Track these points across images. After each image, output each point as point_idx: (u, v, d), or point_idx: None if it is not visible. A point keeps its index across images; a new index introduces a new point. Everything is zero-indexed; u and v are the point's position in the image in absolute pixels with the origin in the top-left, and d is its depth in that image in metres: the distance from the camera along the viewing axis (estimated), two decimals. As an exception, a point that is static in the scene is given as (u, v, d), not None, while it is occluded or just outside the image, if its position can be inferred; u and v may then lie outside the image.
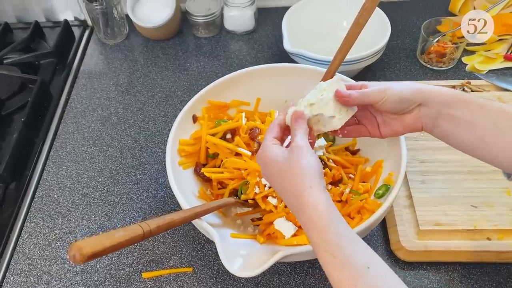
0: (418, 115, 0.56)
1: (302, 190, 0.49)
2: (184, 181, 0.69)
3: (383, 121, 0.60)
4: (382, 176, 0.68)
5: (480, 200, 0.71)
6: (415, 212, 0.70)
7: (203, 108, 0.76)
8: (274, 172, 0.53)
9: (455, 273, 0.67)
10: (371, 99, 0.57)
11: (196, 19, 1.04)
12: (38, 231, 0.75)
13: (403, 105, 0.56)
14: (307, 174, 0.50)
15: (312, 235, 0.47)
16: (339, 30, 0.99)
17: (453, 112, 0.54)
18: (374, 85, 0.58)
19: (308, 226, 0.48)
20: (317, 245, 0.47)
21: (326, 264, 0.46)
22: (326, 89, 0.59)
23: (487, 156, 0.54)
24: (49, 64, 1.02)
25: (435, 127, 0.56)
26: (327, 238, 0.46)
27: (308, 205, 0.48)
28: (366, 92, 0.57)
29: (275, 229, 0.65)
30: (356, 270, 0.44)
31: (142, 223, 0.51)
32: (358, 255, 0.45)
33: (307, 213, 0.48)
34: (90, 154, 0.85)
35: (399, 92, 0.56)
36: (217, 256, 0.70)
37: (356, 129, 0.63)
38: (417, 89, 0.56)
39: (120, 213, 0.77)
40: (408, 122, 0.58)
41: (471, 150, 0.55)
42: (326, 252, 0.45)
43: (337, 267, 0.45)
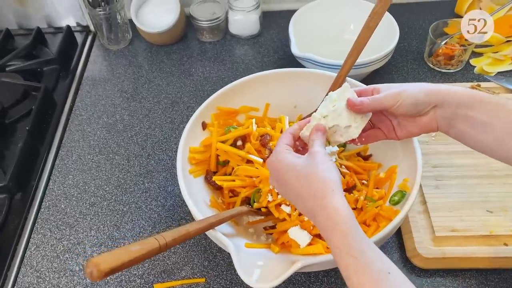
0: (434, 116, 0.56)
1: (325, 193, 0.48)
2: (195, 190, 0.68)
3: (398, 123, 0.60)
4: (397, 182, 0.67)
5: (495, 205, 0.70)
6: (430, 218, 0.69)
7: (212, 114, 0.75)
8: (289, 176, 0.52)
9: (472, 279, 0.66)
10: (385, 104, 0.56)
11: (201, 24, 1.03)
12: (45, 243, 0.73)
13: (418, 108, 0.55)
14: (328, 178, 0.49)
15: (333, 238, 0.47)
16: (346, 33, 0.98)
17: (469, 113, 0.53)
18: (387, 88, 0.57)
19: (329, 229, 0.47)
20: (338, 248, 0.46)
21: (347, 268, 0.45)
22: (336, 99, 0.58)
23: (505, 156, 0.53)
24: (52, 71, 1.00)
25: (451, 128, 0.56)
26: (349, 241, 0.46)
27: (331, 207, 0.47)
28: (378, 98, 0.56)
29: (290, 238, 0.64)
30: (378, 274, 0.44)
31: (157, 236, 0.50)
32: (379, 261, 0.45)
33: (330, 215, 0.47)
34: (97, 163, 0.84)
35: (413, 95, 0.55)
36: (230, 266, 0.69)
37: (373, 134, 0.62)
38: (432, 90, 0.55)
39: (129, 222, 0.75)
40: (424, 124, 0.57)
41: (489, 151, 0.54)
42: (348, 255, 0.45)
43: (358, 270, 0.44)
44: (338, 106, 0.57)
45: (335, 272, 0.67)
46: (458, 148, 0.78)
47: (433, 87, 0.55)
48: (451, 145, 0.78)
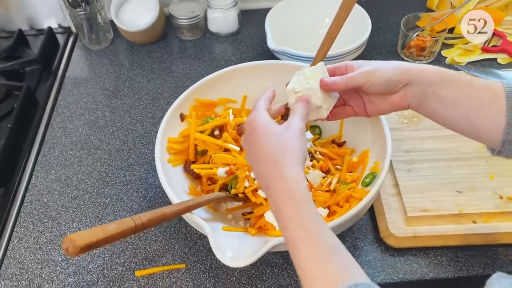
0: (405, 94, 0.57)
1: (289, 164, 0.49)
2: (174, 179, 0.70)
3: (369, 100, 0.61)
4: (369, 165, 0.70)
5: (465, 185, 0.73)
6: (402, 200, 0.72)
7: (190, 106, 0.77)
8: (261, 138, 0.52)
9: (443, 257, 0.68)
10: (357, 82, 0.57)
11: (180, 22, 1.05)
12: (28, 235, 0.75)
13: (389, 86, 0.56)
14: (296, 152, 0.51)
15: (286, 207, 0.47)
16: (321, 27, 1.01)
17: (439, 91, 0.54)
18: (359, 65, 0.58)
19: (285, 199, 0.48)
20: (291, 219, 0.46)
21: (297, 239, 0.45)
22: (310, 76, 0.59)
23: (473, 133, 0.55)
24: (34, 71, 1.02)
25: (421, 106, 0.57)
26: (303, 213, 0.46)
27: (291, 177, 0.48)
28: (351, 76, 0.57)
29: (266, 221, 0.66)
30: (329, 247, 0.44)
31: (134, 216, 0.52)
32: (330, 236, 0.46)
33: (289, 185, 0.48)
34: (79, 158, 0.85)
35: (385, 73, 0.56)
36: (210, 252, 0.71)
37: (343, 111, 0.63)
38: (403, 68, 0.56)
39: (111, 214, 0.77)
40: (395, 101, 0.58)
41: (457, 127, 0.56)
42: (301, 226, 0.45)
43: (309, 242, 0.45)
44: (311, 84, 0.58)
45: (311, 254, 0.69)
46: (429, 134, 0.81)
47: (404, 65, 0.56)
48: (422, 130, 0.81)
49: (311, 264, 0.44)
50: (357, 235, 0.71)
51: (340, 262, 0.44)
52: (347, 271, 0.43)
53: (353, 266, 0.44)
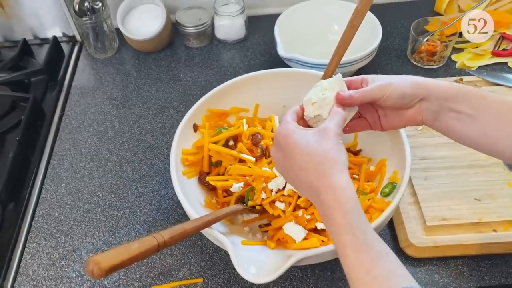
0: (420, 109, 0.56)
1: (334, 171, 0.48)
2: (190, 191, 0.68)
3: (384, 114, 0.60)
4: (387, 174, 0.69)
5: (483, 193, 0.72)
6: (421, 208, 0.71)
7: (203, 116, 0.76)
8: (298, 149, 0.51)
9: (464, 266, 0.67)
10: (372, 96, 0.56)
11: (187, 30, 1.04)
12: (41, 251, 0.73)
13: (404, 101, 0.56)
14: (339, 159, 0.49)
15: (335, 215, 0.47)
16: (330, 34, 1.01)
17: (454, 106, 0.54)
18: (374, 79, 0.58)
19: (333, 206, 0.47)
20: (339, 226, 0.46)
21: (345, 246, 0.46)
22: (327, 88, 0.58)
23: (489, 148, 0.54)
24: (40, 82, 1.00)
25: (436, 121, 0.56)
26: (352, 220, 0.46)
27: (338, 186, 0.48)
28: (367, 90, 0.57)
29: (285, 233, 0.65)
30: (376, 254, 0.45)
31: (155, 234, 0.51)
32: (378, 241, 0.46)
33: (336, 193, 0.47)
34: (89, 170, 0.84)
35: (400, 88, 0.55)
36: (227, 265, 0.69)
37: (358, 124, 0.63)
38: (418, 83, 0.56)
39: (124, 227, 0.75)
40: (409, 116, 0.58)
41: (473, 143, 0.55)
42: (349, 232, 0.46)
43: (357, 248, 0.45)
44: (327, 95, 0.57)
45: (331, 266, 0.68)
46: (443, 140, 0.79)
47: (420, 80, 0.56)
48: (437, 137, 0.81)
49: (360, 270, 0.44)
50: (376, 246, 0.70)
51: (389, 268, 0.44)
52: (395, 276, 0.43)
53: (401, 271, 0.44)
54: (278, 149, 0.54)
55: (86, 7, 0.98)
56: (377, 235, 0.47)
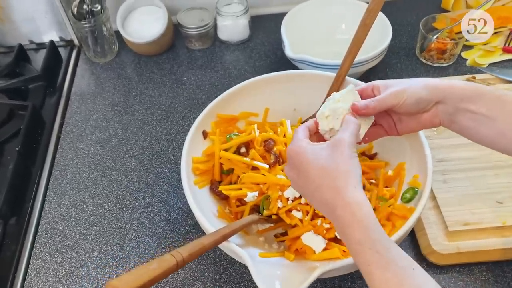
0: (436, 112, 0.55)
1: (348, 187, 0.47)
2: (202, 201, 0.65)
3: (399, 119, 0.59)
4: (406, 179, 0.66)
5: (504, 195, 0.70)
6: (442, 213, 0.68)
7: (212, 122, 0.73)
8: (311, 166, 0.49)
9: (489, 273, 0.65)
10: (388, 104, 0.55)
11: (189, 31, 1.01)
12: (46, 268, 0.70)
13: (420, 106, 0.55)
14: (353, 173, 0.48)
15: (354, 233, 0.45)
16: (338, 33, 0.98)
17: (470, 107, 0.53)
18: (386, 85, 0.56)
19: (351, 224, 0.46)
20: (360, 243, 0.45)
21: (369, 264, 0.44)
22: (339, 100, 0.56)
23: (508, 149, 0.53)
24: (38, 88, 0.97)
25: (453, 123, 0.55)
26: (373, 236, 0.45)
27: (354, 202, 0.46)
28: (381, 99, 0.55)
29: (303, 244, 0.62)
30: (402, 270, 0.43)
31: (173, 252, 0.48)
32: (402, 256, 0.45)
33: (353, 210, 0.46)
34: (93, 180, 0.81)
35: (415, 93, 0.54)
36: (243, 278, 0.67)
37: (374, 131, 0.61)
38: (433, 86, 0.54)
39: (133, 240, 0.72)
40: (425, 119, 0.57)
41: (491, 143, 0.54)
42: (371, 250, 0.44)
43: (382, 266, 0.43)
44: (341, 107, 0.55)
45: (351, 276, 0.66)
46: (460, 141, 0.77)
47: (434, 82, 0.55)
48: (453, 138, 0.78)
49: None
50: (396, 253, 0.68)
51: (416, 284, 0.42)
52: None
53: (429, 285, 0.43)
54: (292, 168, 0.53)
55: (84, 10, 0.94)
56: (400, 249, 0.45)
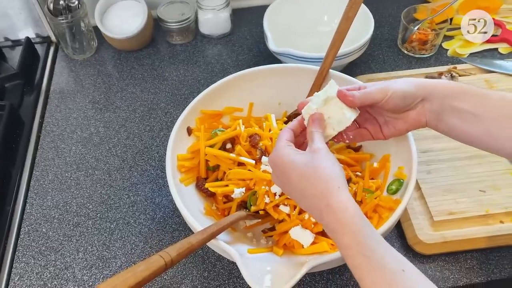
0: (422, 110, 0.56)
1: (330, 191, 0.47)
2: (189, 200, 0.65)
3: (385, 121, 0.59)
4: (391, 170, 0.67)
5: (487, 184, 0.71)
6: (427, 203, 0.69)
7: (196, 118, 0.72)
8: (291, 175, 0.50)
9: (474, 260, 0.66)
10: (373, 97, 0.55)
11: (170, 26, 0.99)
12: (30, 271, 0.68)
13: (406, 101, 0.55)
14: (333, 176, 0.48)
15: (342, 237, 0.45)
16: (320, 25, 0.98)
17: (456, 104, 0.54)
18: (373, 85, 0.57)
19: (338, 229, 0.46)
20: (349, 248, 0.45)
21: (358, 268, 0.44)
22: (324, 93, 0.57)
23: (493, 147, 0.54)
24: (15, 87, 0.94)
25: (439, 121, 0.56)
26: (360, 240, 0.44)
27: (338, 206, 0.46)
28: (367, 91, 0.56)
29: (292, 238, 0.62)
30: (392, 273, 0.43)
31: (161, 253, 0.47)
32: (391, 258, 0.44)
33: (337, 214, 0.46)
34: (76, 180, 0.79)
35: (401, 88, 0.55)
36: (231, 274, 0.66)
37: (359, 133, 0.61)
38: (418, 83, 0.55)
39: (119, 240, 0.71)
40: (412, 119, 0.57)
41: (477, 143, 0.55)
42: (360, 254, 0.44)
43: (371, 270, 0.43)
44: (328, 96, 0.56)
45: (339, 268, 0.66)
46: (443, 132, 0.79)
47: (418, 81, 0.56)
48: (436, 129, 0.79)
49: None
50: (383, 244, 0.68)
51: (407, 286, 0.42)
52: None
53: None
54: (277, 176, 0.54)
55: (61, 5, 0.92)
56: (390, 249, 0.45)
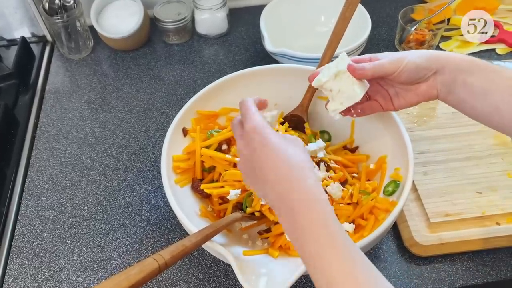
0: (433, 83, 0.55)
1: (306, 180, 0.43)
2: (183, 201, 0.64)
3: (395, 93, 0.59)
4: (388, 172, 0.67)
5: (484, 185, 0.71)
6: (423, 205, 0.69)
7: (192, 119, 0.72)
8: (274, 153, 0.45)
9: (470, 262, 0.66)
10: (385, 70, 0.55)
11: (166, 26, 0.98)
12: (24, 273, 0.68)
13: (419, 74, 0.55)
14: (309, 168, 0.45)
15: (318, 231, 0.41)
16: (317, 25, 0.97)
17: (468, 79, 0.53)
18: (386, 55, 0.56)
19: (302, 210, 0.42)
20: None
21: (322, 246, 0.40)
22: (335, 66, 0.57)
23: (500, 124, 0.53)
24: (10, 87, 0.93)
25: (449, 94, 0.55)
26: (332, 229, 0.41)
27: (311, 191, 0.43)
28: (380, 62, 0.55)
29: (287, 240, 0.62)
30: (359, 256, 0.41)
31: (155, 255, 0.47)
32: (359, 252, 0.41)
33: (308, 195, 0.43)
34: (71, 181, 0.79)
35: (414, 61, 0.54)
36: (227, 276, 0.66)
37: (369, 106, 0.61)
38: (432, 55, 0.55)
39: (114, 241, 0.71)
40: (423, 91, 0.56)
41: (486, 119, 0.54)
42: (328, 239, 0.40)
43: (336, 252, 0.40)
44: (339, 70, 0.56)
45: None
46: (439, 133, 0.79)
47: (432, 53, 0.55)
48: (432, 129, 0.79)
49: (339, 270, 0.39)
50: (380, 246, 0.68)
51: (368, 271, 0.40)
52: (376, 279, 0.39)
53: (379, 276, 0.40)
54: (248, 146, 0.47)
55: (56, 4, 0.91)
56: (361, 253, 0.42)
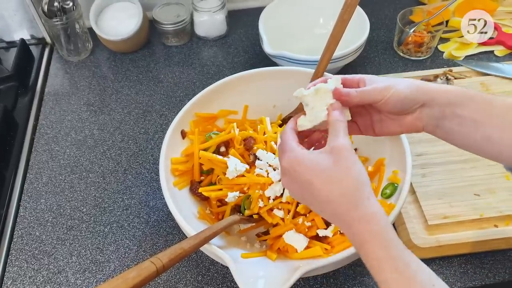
0: (420, 115, 0.53)
1: (361, 199, 0.45)
2: (182, 203, 0.64)
3: (379, 119, 0.56)
4: (386, 174, 0.67)
5: (482, 188, 0.71)
6: (421, 207, 0.69)
7: (191, 122, 0.72)
8: (317, 179, 0.46)
9: (468, 264, 0.66)
10: (372, 98, 0.52)
11: (165, 28, 0.99)
12: (22, 275, 0.68)
13: (405, 106, 0.52)
14: (361, 182, 0.45)
15: (374, 249, 0.43)
16: (316, 28, 0.97)
17: (458, 111, 0.50)
18: (372, 81, 0.54)
19: (370, 241, 0.44)
20: (377, 260, 0.43)
21: (388, 281, 0.42)
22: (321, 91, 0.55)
23: (492, 153, 0.51)
24: (9, 89, 0.93)
25: (437, 128, 0.53)
26: (394, 253, 0.43)
27: (369, 216, 0.44)
28: (366, 90, 0.52)
29: (285, 243, 0.62)
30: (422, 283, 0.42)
31: (153, 258, 0.47)
32: (422, 272, 0.43)
33: (369, 226, 0.44)
34: (70, 183, 0.79)
35: (401, 91, 0.51)
36: (225, 278, 0.66)
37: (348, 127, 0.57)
38: (421, 87, 0.52)
39: (113, 243, 0.71)
40: (408, 122, 0.54)
41: (477, 149, 0.52)
42: (391, 269, 0.42)
43: (402, 284, 0.41)
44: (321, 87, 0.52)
45: (333, 272, 0.66)
46: (439, 135, 0.79)
47: (421, 84, 0.52)
48: (431, 132, 0.79)
49: None
50: (378, 248, 0.68)
51: None
52: None
53: None
54: (292, 182, 0.49)
55: (56, 7, 0.91)
56: (420, 263, 0.43)
